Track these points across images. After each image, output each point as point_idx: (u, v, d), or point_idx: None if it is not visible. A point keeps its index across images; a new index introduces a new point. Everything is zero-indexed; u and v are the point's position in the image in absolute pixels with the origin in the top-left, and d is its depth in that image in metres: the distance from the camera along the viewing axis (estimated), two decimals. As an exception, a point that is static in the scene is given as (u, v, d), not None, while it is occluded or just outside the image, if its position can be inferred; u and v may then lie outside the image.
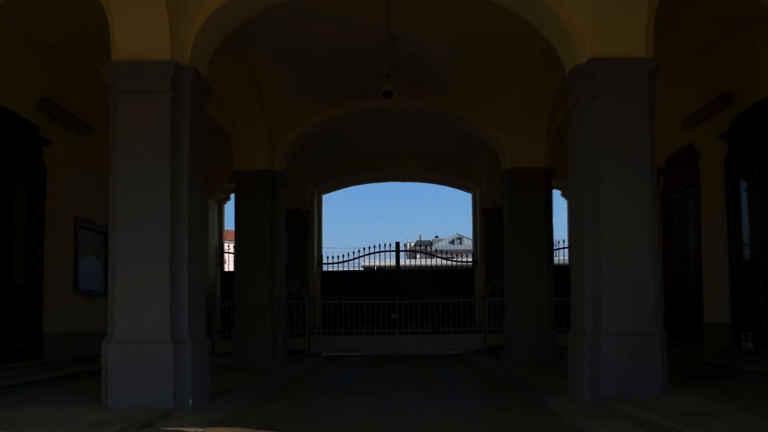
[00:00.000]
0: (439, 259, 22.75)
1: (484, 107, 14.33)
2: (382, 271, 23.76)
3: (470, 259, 21.82)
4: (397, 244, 20.98)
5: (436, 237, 79.21)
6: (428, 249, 31.09)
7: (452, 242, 75.50)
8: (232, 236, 15.90)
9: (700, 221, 12.67)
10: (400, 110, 14.71)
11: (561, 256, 19.57)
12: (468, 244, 62.14)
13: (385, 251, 20.84)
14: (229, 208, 21.65)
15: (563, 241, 20.58)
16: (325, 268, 21.31)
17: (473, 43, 12.26)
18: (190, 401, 8.06)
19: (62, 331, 11.73)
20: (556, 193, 20.12)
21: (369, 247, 20.65)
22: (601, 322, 8.15)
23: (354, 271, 21.61)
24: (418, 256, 27.46)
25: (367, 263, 24.06)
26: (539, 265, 13.99)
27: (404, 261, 24.38)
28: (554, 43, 9.21)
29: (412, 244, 50.55)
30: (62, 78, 11.93)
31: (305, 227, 20.63)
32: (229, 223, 20.78)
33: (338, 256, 21.16)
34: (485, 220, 20.60)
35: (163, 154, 8.12)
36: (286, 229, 15.60)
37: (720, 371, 10.57)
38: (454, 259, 22.86)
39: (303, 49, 12.48)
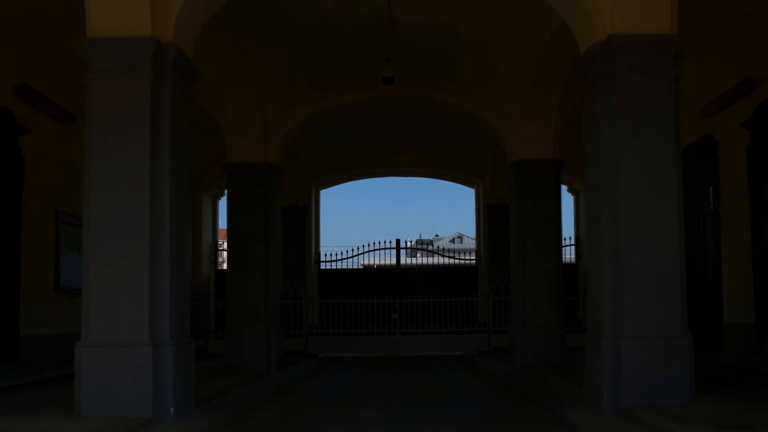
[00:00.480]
0: (440, 258, 22.03)
1: (488, 96, 13.62)
2: (383, 269, 23.05)
3: (473, 257, 21.16)
4: (398, 241, 20.30)
5: (437, 236, 78.56)
6: (429, 247, 30.46)
7: (452, 241, 74.94)
8: (227, 233, 15.18)
9: (719, 215, 11.97)
10: (401, 99, 14.00)
11: (566, 254, 18.90)
12: (468, 243, 61.52)
13: (385, 248, 20.16)
14: (224, 205, 20.98)
15: (570, 238, 19.96)
16: (323, 266, 20.63)
17: (478, 27, 11.56)
18: (172, 410, 7.33)
19: (42, 332, 11.02)
20: (562, 189, 19.47)
21: (369, 245, 19.98)
22: (622, 322, 7.43)
23: (353, 270, 20.88)
24: (419, 254, 26.75)
25: (366, 261, 23.36)
26: (547, 262, 13.28)
27: (405, 259, 23.69)
28: (568, 20, 8.47)
29: (413, 243, 49.89)
30: (42, 63, 11.22)
31: (302, 224, 19.96)
32: (224, 219, 20.15)
33: (337, 254, 20.50)
34: (489, 216, 19.94)
35: (142, 138, 7.39)
36: (283, 225, 14.94)
37: (744, 375, 9.87)
38: (457, 257, 22.17)
39: (298, 34, 11.79)
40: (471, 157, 19.81)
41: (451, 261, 21.97)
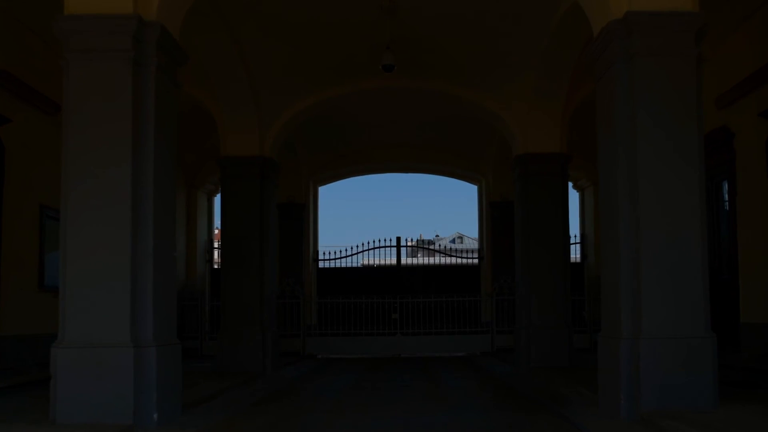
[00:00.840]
0: (442, 256, 21.49)
1: (493, 86, 13.10)
2: (383, 268, 22.50)
3: (475, 256, 20.63)
4: (398, 239, 19.76)
5: (437, 236, 77.92)
6: (431, 246, 29.89)
7: (453, 241, 74.36)
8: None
9: (734, 211, 11.44)
10: (401, 90, 13.46)
11: (571, 253, 18.35)
12: (469, 244, 60.89)
13: (385, 246, 19.60)
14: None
15: (575, 237, 19.44)
16: (321, 264, 20.08)
17: (482, 13, 11.05)
18: (155, 416, 6.81)
19: (24, 333, 10.49)
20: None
21: (369, 243, 19.45)
22: (640, 322, 6.90)
23: (352, 268, 20.30)
24: (420, 253, 26.22)
25: (366, 260, 22.81)
26: (555, 259, 12.78)
27: (405, 259, 23.13)
28: None
29: (413, 243, 49.39)
30: (25, 51, 10.70)
31: (300, 221, 19.41)
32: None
33: (336, 252, 19.94)
34: (492, 213, 19.40)
35: (123, 123, 6.87)
36: (280, 222, 14.42)
37: (763, 378, 9.34)
38: (459, 256, 21.62)
39: (295, 21, 11.26)
40: (474, 152, 19.29)
41: (453, 260, 21.42)
